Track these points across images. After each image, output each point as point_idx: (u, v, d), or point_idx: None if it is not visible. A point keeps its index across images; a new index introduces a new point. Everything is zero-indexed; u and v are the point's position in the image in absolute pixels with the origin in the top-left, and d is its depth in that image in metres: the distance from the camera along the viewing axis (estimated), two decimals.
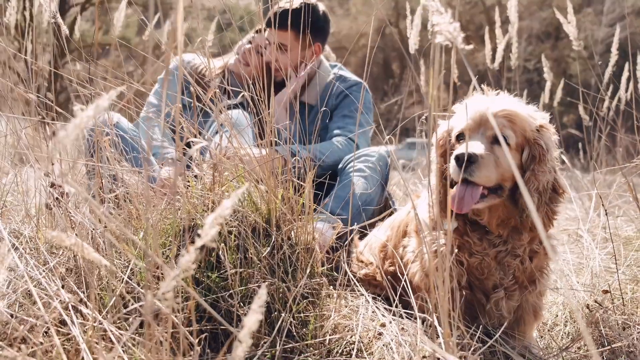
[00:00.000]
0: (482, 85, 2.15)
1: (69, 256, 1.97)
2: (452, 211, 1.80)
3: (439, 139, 1.96)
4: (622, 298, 2.17)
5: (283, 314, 1.68)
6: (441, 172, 1.91)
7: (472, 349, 1.63)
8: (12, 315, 1.54)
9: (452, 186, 1.83)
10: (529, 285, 1.92)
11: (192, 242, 1.85)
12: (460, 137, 1.87)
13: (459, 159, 1.73)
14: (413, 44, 3.25)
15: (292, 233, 1.96)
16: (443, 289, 1.38)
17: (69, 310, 1.54)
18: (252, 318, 1.00)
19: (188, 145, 2.61)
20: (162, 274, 1.73)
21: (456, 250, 1.87)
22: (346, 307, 1.93)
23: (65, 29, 2.84)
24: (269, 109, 2.04)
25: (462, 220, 1.89)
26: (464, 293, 1.88)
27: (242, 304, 1.68)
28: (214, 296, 1.68)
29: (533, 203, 1.75)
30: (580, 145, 6.04)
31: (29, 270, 1.76)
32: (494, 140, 1.77)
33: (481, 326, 1.86)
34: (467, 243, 1.87)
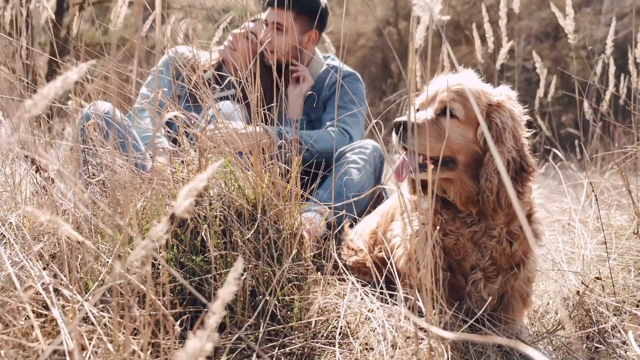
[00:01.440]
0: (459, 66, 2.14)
1: (54, 242, 1.96)
2: (427, 189, 1.79)
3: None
4: (613, 285, 2.15)
5: (268, 298, 1.66)
6: None
7: (455, 328, 1.61)
8: None
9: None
10: (510, 269, 1.90)
11: (178, 226, 1.84)
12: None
13: (395, 126, 1.74)
14: (418, 39, 3.24)
15: (279, 218, 1.94)
16: (425, 266, 1.36)
17: (50, 293, 1.52)
18: (227, 290, 0.98)
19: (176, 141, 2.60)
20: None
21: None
22: (334, 293, 1.91)
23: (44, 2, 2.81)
24: (256, 92, 2.03)
25: (434, 198, 1.87)
26: (446, 275, 1.86)
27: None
28: (197, 279, 1.66)
29: (493, 183, 1.73)
30: (577, 143, 6.02)
31: (12, 256, 1.75)
32: (441, 113, 1.77)
33: (465, 307, 1.85)
34: (439, 222, 1.86)
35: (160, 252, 1.72)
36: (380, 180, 2.97)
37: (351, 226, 2.60)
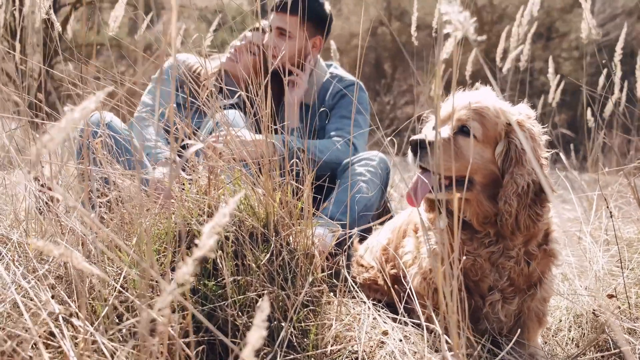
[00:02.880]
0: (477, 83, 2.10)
1: (59, 263, 1.90)
2: (445, 208, 1.75)
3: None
4: (628, 303, 2.12)
5: (283, 324, 1.61)
6: None
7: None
8: None
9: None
10: (528, 290, 1.86)
11: (188, 248, 1.79)
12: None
13: (411, 145, 1.69)
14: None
15: (291, 238, 1.90)
16: (450, 298, 1.32)
17: (59, 322, 1.47)
18: (255, 334, 0.93)
19: (183, 147, 2.54)
20: (157, 282, 1.66)
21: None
22: (347, 314, 1.87)
23: (58, 26, 2.77)
24: (266, 108, 1.98)
25: (452, 218, 1.83)
26: (463, 296, 1.82)
27: (240, 313, 1.61)
28: (211, 305, 1.61)
29: (512, 207, 1.69)
30: (572, 145, 6.01)
31: (17, 280, 1.69)
32: (459, 131, 1.73)
33: (487, 335, 1.81)
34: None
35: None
36: (386, 191, 2.93)
37: (360, 241, 2.55)
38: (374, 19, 21.17)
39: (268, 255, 1.69)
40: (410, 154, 1.72)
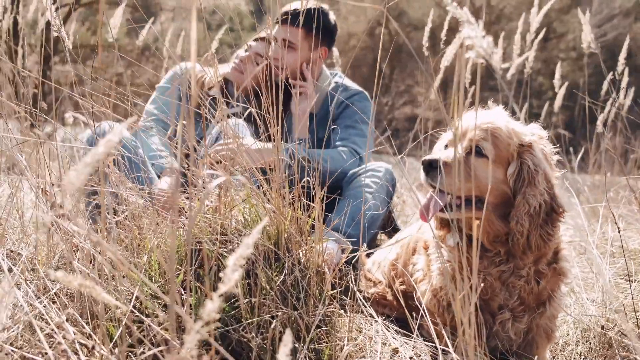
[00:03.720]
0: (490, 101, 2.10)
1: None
2: (456, 227, 1.76)
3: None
4: (637, 318, 2.13)
5: (297, 345, 1.61)
6: None
7: None
8: (14, 351, 1.47)
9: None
10: (537, 308, 1.87)
11: (198, 267, 1.79)
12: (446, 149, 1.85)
13: (423, 164, 1.70)
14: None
15: (301, 254, 1.90)
16: (467, 321, 1.33)
17: (74, 343, 1.47)
18: None
19: (187, 156, 2.54)
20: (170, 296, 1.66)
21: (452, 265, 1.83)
22: (359, 331, 1.87)
23: (63, 33, 2.76)
24: (278, 125, 1.98)
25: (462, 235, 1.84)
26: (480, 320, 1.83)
27: (254, 334, 1.62)
28: (225, 328, 1.61)
29: (524, 227, 1.70)
30: (568, 146, 6.03)
31: (29, 299, 1.69)
32: (471, 151, 1.73)
33: (497, 352, 1.82)
34: (467, 260, 1.82)
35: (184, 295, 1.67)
36: (391, 203, 2.93)
37: (368, 255, 2.56)
38: (372, 19, 21.19)
39: (282, 277, 1.69)
40: (422, 173, 1.73)
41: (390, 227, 3.18)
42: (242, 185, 1.99)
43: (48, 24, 2.47)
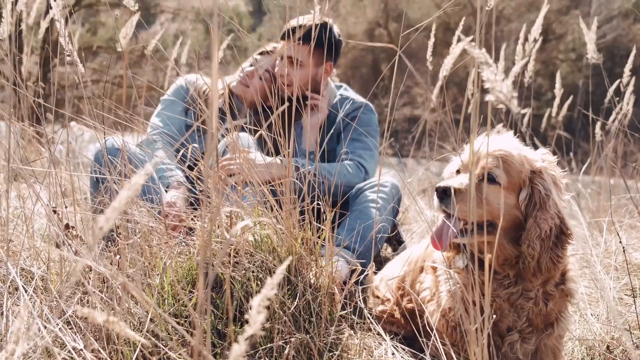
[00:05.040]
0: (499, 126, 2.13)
1: (81, 300, 1.92)
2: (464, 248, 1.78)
3: (448, 177, 1.96)
4: None
5: None
6: None
7: None
8: None
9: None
10: (545, 329, 1.90)
11: (213, 289, 1.81)
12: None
13: (437, 191, 1.73)
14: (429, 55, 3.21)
15: (311, 275, 1.92)
16: (479, 352, 1.35)
17: None
18: None
19: (191, 168, 2.56)
20: (186, 320, 1.68)
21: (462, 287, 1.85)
22: (370, 354, 1.89)
23: (67, 46, 2.77)
24: (288, 148, 2.00)
25: (471, 258, 1.87)
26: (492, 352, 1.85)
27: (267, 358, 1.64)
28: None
29: (535, 250, 1.73)
30: (565, 146, 6.05)
31: (44, 321, 1.71)
32: (483, 178, 1.76)
33: None
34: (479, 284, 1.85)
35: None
36: (397, 217, 2.96)
37: (375, 272, 2.58)
38: (371, 20, 21.24)
39: (296, 301, 1.72)
40: (435, 199, 1.75)
41: (394, 238, 3.20)
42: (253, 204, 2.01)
43: (49, 26, 2.47)
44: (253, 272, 1.80)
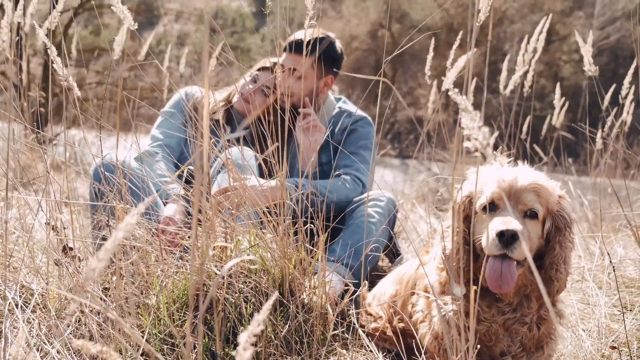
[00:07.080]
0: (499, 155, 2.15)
1: (78, 320, 1.96)
2: (474, 279, 1.81)
3: (460, 205, 1.93)
4: (630, 355, 2.18)
5: None
6: (463, 237, 1.88)
7: None
8: None
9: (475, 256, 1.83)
10: (536, 351, 1.94)
11: (207, 310, 1.85)
12: (491, 207, 1.84)
13: (503, 235, 1.70)
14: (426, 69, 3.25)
15: (304, 295, 1.96)
16: None
17: None
18: None
19: (188, 181, 2.60)
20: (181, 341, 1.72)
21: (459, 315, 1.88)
22: None
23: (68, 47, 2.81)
24: (284, 166, 2.03)
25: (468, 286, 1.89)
26: None
27: None
28: None
29: (562, 273, 1.80)
30: (568, 148, 6.07)
31: (42, 342, 1.75)
32: (525, 215, 1.79)
33: None
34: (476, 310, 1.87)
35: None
36: (393, 231, 2.98)
37: (369, 289, 2.60)
38: (374, 21, 21.25)
39: (288, 323, 1.75)
40: (497, 243, 1.70)
41: (391, 251, 3.23)
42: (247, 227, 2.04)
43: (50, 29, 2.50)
44: (247, 295, 1.84)
